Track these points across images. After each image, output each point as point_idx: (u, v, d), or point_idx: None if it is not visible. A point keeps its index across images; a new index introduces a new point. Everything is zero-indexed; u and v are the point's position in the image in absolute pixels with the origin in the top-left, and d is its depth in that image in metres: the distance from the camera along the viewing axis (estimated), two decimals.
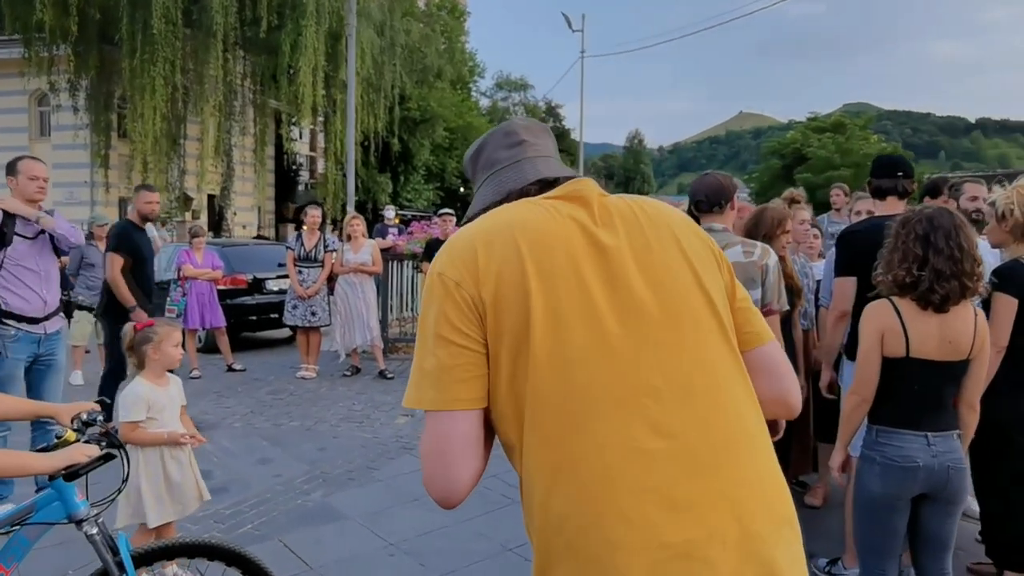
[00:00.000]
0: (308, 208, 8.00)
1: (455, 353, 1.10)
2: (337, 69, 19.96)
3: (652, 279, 1.15)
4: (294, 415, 6.21)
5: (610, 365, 1.08)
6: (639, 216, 1.22)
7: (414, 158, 29.82)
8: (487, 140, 1.39)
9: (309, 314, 7.54)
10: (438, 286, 1.14)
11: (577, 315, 1.09)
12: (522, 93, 49.35)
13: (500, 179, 1.33)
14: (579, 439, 1.05)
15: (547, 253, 1.12)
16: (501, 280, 1.10)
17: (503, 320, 1.09)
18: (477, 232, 1.18)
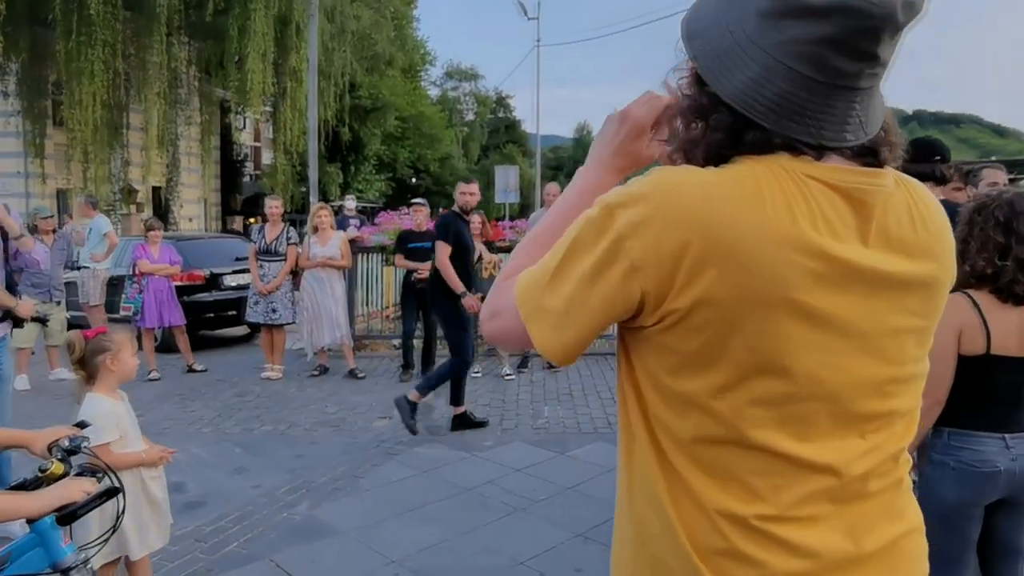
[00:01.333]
0: (268, 199, 7.61)
1: (587, 315, 0.90)
2: (286, 55, 19.33)
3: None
4: (265, 419, 5.87)
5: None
6: (932, 260, 0.93)
7: (365, 148, 29.26)
8: (836, 11, 0.79)
9: (270, 311, 7.17)
10: (610, 247, 0.86)
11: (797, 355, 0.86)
12: (472, 83, 48.90)
13: (789, 94, 0.83)
14: None
15: (776, 286, 0.83)
16: (706, 303, 0.83)
17: (693, 339, 0.86)
18: (707, 218, 0.82)
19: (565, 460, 4.92)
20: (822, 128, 0.84)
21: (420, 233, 7.09)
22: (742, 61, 0.84)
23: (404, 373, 7.12)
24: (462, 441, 5.31)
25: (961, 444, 2.25)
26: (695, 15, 0.92)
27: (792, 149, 0.86)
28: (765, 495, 0.88)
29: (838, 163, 0.88)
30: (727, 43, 0.86)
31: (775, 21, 0.82)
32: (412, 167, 36.03)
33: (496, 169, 17.29)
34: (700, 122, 0.90)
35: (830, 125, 0.85)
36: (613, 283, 0.86)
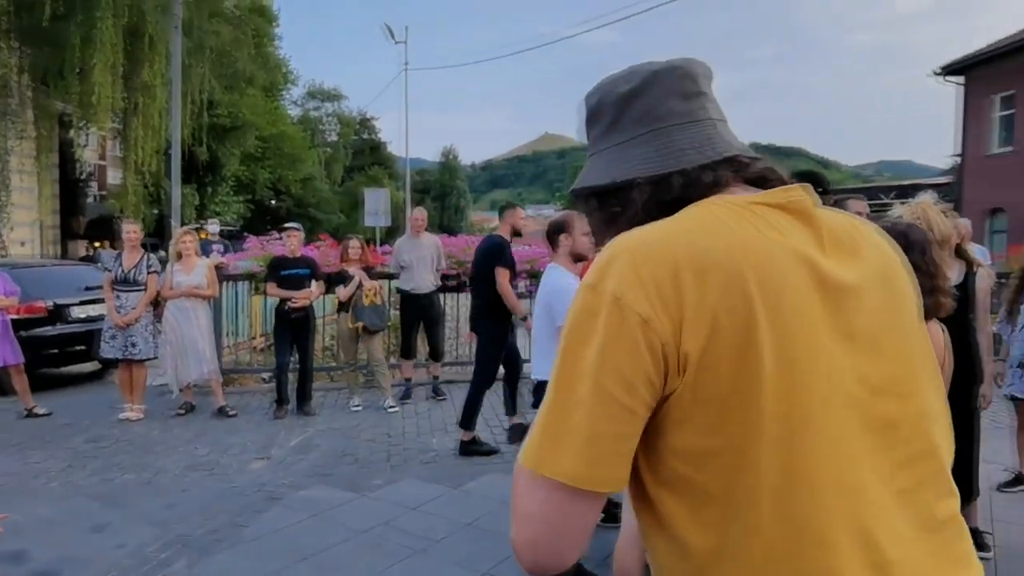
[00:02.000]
0: (125, 224, 7.02)
1: (617, 417, 0.80)
2: (137, 69, 18.08)
3: (894, 344, 0.89)
4: (126, 466, 5.32)
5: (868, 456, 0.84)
6: (871, 247, 0.94)
7: (223, 168, 27.86)
8: (651, 79, 0.96)
9: (129, 345, 6.57)
10: (612, 314, 0.81)
11: (822, 386, 0.82)
12: (335, 103, 47.94)
13: (673, 140, 0.94)
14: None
15: (778, 296, 0.81)
16: (718, 330, 0.79)
17: (709, 384, 0.80)
18: (680, 246, 0.83)
19: (459, 495, 4.82)
20: (714, 147, 0.94)
21: (294, 260, 6.77)
22: (624, 154, 0.96)
23: (278, 409, 6.73)
24: (350, 480, 5.07)
25: None
26: (576, 184, 1.02)
27: (718, 185, 0.92)
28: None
29: (747, 192, 0.93)
30: (607, 158, 0.98)
31: (621, 120, 0.97)
32: (272, 188, 34.68)
33: (365, 192, 16.95)
34: (623, 206, 0.96)
35: (715, 144, 0.94)
36: (630, 350, 0.80)
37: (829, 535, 0.80)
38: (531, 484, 0.83)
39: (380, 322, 6.88)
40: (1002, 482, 4.76)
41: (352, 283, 6.77)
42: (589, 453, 0.80)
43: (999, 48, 19.37)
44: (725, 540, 0.82)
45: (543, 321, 3.73)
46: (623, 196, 0.96)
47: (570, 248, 3.81)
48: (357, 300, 6.77)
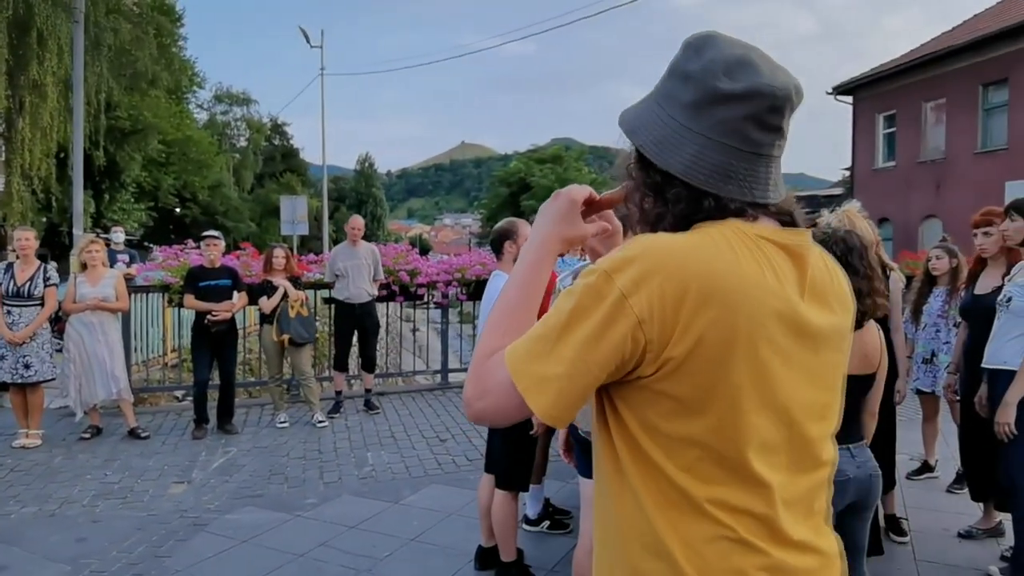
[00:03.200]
0: (17, 231, 6.37)
1: (586, 384, 0.96)
2: (25, 65, 16.81)
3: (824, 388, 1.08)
4: (25, 498, 4.81)
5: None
6: (839, 301, 1.09)
7: (122, 174, 26.28)
8: (751, 95, 0.98)
9: (21, 367, 5.95)
10: (615, 307, 0.93)
11: (771, 413, 0.99)
12: (244, 108, 46.30)
13: (727, 164, 0.99)
14: None
15: (760, 331, 0.96)
16: (701, 347, 0.93)
17: (682, 384, 0.95)
18: (694, 268, 0.94)
19: (400, 509, 4.60)
20: (753, 189, 1.00)
21: (214, 270, 6.36)
22: (682, 143, 0.99)
23: (197, 428, 6.29)
24: (280, 500, 4.76)
25: None
26: (630, 116, 1.07)
27: (740, 214, 1.00)
28: (761, 519, 0.98)
29: (770, 224, 1.02)
30: (667, 131, 1.01)
31: (703, 108, 0.99)
32: (177, 195, 33.05)
33: (281, 199, 16.33)
34: (657, 197, 1.03)
35: (758, 186, 1.01)
36: (617, 340, 0.93)
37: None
38: (503, 378, 0.96)
39: (307, 334, 6.55)
40: (911, 471, 5.13)
41: (277, 294, 6.41)
42: (558, 402, 0.95)
43: (882, 71, 20.80)
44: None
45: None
46: (661, 186, 1.02)
47: (515, 255, 3.68)
48: (282, 311, 6.42)
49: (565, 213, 1.13)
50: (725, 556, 0.97)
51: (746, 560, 0.97)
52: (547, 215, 1.13)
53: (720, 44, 1.01)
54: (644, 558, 1.00)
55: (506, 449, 3.48)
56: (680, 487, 0.97)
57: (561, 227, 1.12)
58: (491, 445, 3.59)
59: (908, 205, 19.69)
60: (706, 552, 0.97)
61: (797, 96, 1.01)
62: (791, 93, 1.00)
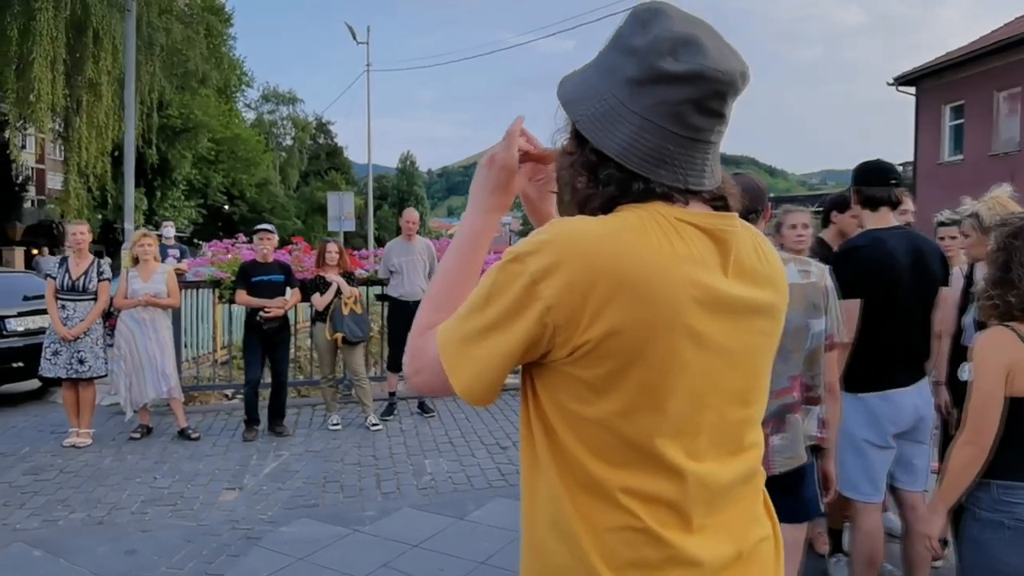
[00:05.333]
0: (71, 226, 6.24)
1: (503, 364, 0.96)
2: (81, 65, 17.02)
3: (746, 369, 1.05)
4: (73, 503, 4.60)
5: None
6: (772, 286, 1.07)
7: (173, 171, 26.67)
8: (694, 78, 0.94)
9: (76, 362, 5.81)
10: (525, 292, 0.93)
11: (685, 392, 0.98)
12: (290, 107, 46.77)
13: (661, 148, 0.97)
14: None
15: (674, 315, 0.94)
16: (614, 333, 0.92)
17: (593, 367, 0.95)
18: (608, 258, 0.93)
19: (466, 527, 4.25)
20: (687, 175, 0.98)
21: (266, 265, 6.11)
22: (619, 123, 0.98)
23: (248, 430, 6.05)
24: (336, 512, 4.46)
25: (1014, 499, 1.95)
26: (569, 86, 1.04)
27: (666, 198, 0.98)
28: (672, 507, 0.98)
29: (699, 208, 1.01)
30: (605, 108, 0.99)
31: (644, 87, 0.96)
32: (226, 193, 33.47)
33: (329, 196, 16.18)
34: (589, 177, 1.01)
35: (693, 172, 0.99)
36: (529, 324, 0.94)
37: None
38: (434, 355, 1.00)
39: (361, 333, 6.25)
40: None
41: (330, 290, 6.13)
42: (477, 382, 0.98)
43: (950, 60, 19.84)
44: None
45: None
46: (594, 166, 1.00)
47: None
48: (336, 309, 6.13)
49: (504, 182, 1.13)
50: (631, 546, 0.97)
51: (652, 551, 0.97)
52: (484, 184, 1.13)
53: (668, 19, 0.97)
54: (550, 537, 1.01)
55: None
56: (591, 472, 0.97)
57: (498, 196, 1.13)
58: None
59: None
60: (612, 540, 0.97)
61: (743, 81, 0.98)
62: (736, 78, 0.97)
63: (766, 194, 2.48)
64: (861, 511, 3.00)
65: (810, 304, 2.34)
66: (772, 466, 2.35)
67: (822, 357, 2.41)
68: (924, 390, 3.07)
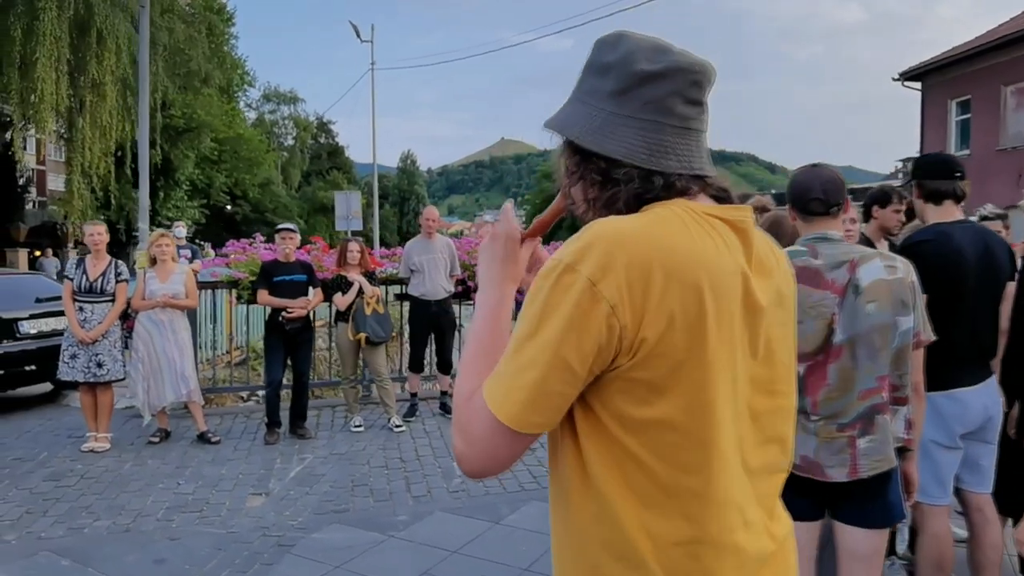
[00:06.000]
0: (88, 226, 6.10)
1: (566, 381, 0.92)
2: (84, 65, 16.87)
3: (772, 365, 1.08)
4: (97, 510, 4.48)
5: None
6: (779, 271, 1.10)
7: (176, 171, 26.51)
8: (672, 73, 1.01)
9: (94, 365, 5.69)
10: (585, 296, 0.91)
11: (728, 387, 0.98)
12: (292, 107, 46.60)
13: (663, 141, 1.01)
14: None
15: (723, 302, 0.96)
16: (673, 324, 0.92)
17: (658, 366, 0.93)
18: (655, 246, 0.93)
19: (503, 531, 4.13)
20: (691, 161, 1.02)
21: (289, 265, 5.98)
22: (616, 128, 1.01)
23: (269, 433, 5.92)
24: (368, 517, 4.34)
25: None
26: (557, 118, 1.08)
27: (685, 193, 1.02)
28: (736, 507, 0.99)
29: (708, 203, 1.03)
30: (599, 120, 1.02)
31: (629, 92, 1.01)
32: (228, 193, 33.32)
33: (336, 195, 16.10)
34: (606, 181, 1.02)
35: (695, 159, 1.03)
36: (594, 330, 0.91)
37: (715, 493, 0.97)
38: (484, 413, 0.95)
39: (384, 332, 6.13)
40: None
41: (352, 290, 6.02)
42: (534, 406, 0.93)
43: (956, 55, 19.72)
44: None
45: None
46: (608, 171, 1.01)
47: None
48: (358, 309, 6.01)
49: (510, 252, 1.14)
50: (696, 557, 0.96)
51: (717, 561, 0.97)
52: (492, 257, 1.15)
53: (632, 37, 1.04)
54: (606, 558, 0.98)
55: None
56: (660, 478, 0.95)
57: (508, 267, 1.14)
58: None
59: (985, 196, 18.49)
60: (676, 554, 0.96)
61: (712, 72, 1.04)
62: (707, 69, 1.03)
63: (845, 187, 2.37)
64: (928, 514, 2.89)
65: (897, 301, 2.22)
66: (859, 469, 2.24)
67: (909, 356, 2.29)
68: (992, 389, 2.95)
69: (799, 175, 2.40)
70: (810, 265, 2.25)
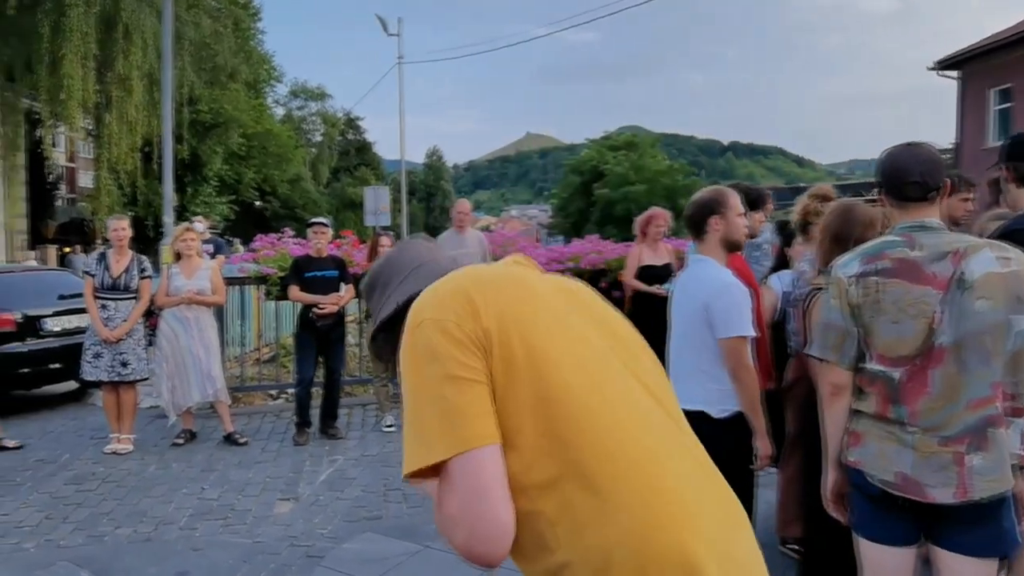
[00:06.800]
0: (111, 220, 5.91)
1: (466, 388, 1.00)
2: (111, 61, 16.85)
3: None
4: (118, 516, 4.26)
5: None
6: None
7: (204, 167, 26.54)
8: (385, 264, 1.38)
9: (118, 364, 5.48)
10: (432, 330, 1.04)
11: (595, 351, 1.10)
12: (320, 103, 46.66)
13: (430, 266, 1.32)
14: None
15: (539, 291, 1.13)
16: (504, 316, 1.05)
17: (513, 351, 1.02)
18: (460, 280, 1.12)
19: None
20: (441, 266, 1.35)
21: (321, 260, 5.73)
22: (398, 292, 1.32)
23: (299, 433, 5.69)
24: (402, 525, 4.07)
25: None
26: None
27: None
28: None
29: None
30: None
31: (392, 286, 1.35)
32: (258, 189, 33.38)
33: (365, 190, 15.94)
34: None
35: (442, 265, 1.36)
36: (454, 340, 1.02)
37: None
38: (432, 488, 1.02)
39: None
40: None
41: None
42: (454, 424, 0.97)
43: (996, 42, 19.01)
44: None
45: (694, 332, 2.72)
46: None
47: (723, 234, 2.81)
48: None
49: None
50: None
51: None
52: None
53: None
54: None
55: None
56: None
57: None
58: None
59: None
60: None
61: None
62: (411, 241, 1.48)
63: (944, 168, 2.05)
64: None
65: (1013, 297, 1.89)
66: (970, 490, 1.91)
67: None
68: None
69: (893, 155, 2.09)
70: (907, 257, 1.96)
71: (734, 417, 2.60)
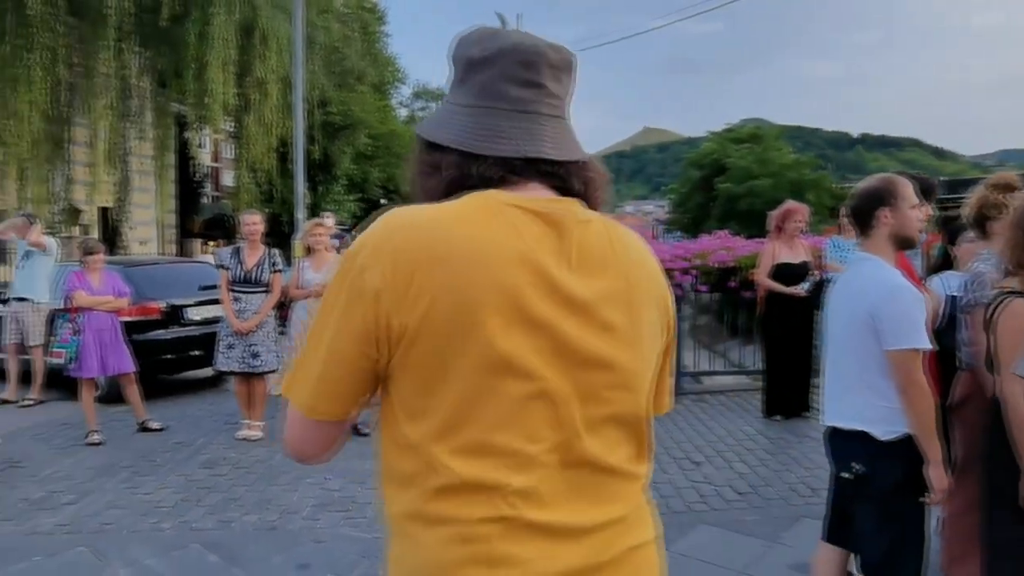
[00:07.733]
0: (245, 215, 6.16)
1: (342, 367, 0.98)
2: (250, 65, 17.83)
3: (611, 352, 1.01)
4: (247, 503, 4.39)
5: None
6: (621, 267, 1.03)
7: (335, 167, 27.68)
8: (496, 56, 1.02)
9: (250, 356, 5.68)
10: (353, 280, 0.95)
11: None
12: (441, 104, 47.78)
13: (495, 125, 1.02)
14: None
15: (500, 292, 0.94)
16: (434, 308, 0.92)
17: (421, 349, 0.94)
18: (429, 238, 0.95)
19: (677, 561, 3.56)
20: (523, 144, 1.01)
21: None
22: (454, 117, 1.05)
23: None
24: None
25: None
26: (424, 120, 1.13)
27: (504, 183, 1.00)
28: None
29: (545, 193, 1.02)
30: (443, 114, 1.09)
31: (465, 81, 1.05)
32: (383, 187, 34.59)
33: None
34: (433, 171, 1.05)
35: (528, 142, 1.02)
36: (359, 317, 0.94)
37: None
38: (287, 403, 1.04)
39: None
40: None
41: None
42: (316, 391, 1.00)
43: None
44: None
45: (856, 341, 2.38)
46: (438, 160, 1.04)
47: (892, 229, 2.43)
48: None
49: None
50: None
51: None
52: None
53: (477, 30, 1.07)
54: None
55: (884, 527, 2.31)
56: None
57: None
58: (856, 510, 2.42)
59: None
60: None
61: (554, 52, 1.04)
62: (541, 49, 1.03)
63: None
64: None
65: None
66: None
67: None
68: None
69: None
70: None
71: (902, 440, 2.26)
